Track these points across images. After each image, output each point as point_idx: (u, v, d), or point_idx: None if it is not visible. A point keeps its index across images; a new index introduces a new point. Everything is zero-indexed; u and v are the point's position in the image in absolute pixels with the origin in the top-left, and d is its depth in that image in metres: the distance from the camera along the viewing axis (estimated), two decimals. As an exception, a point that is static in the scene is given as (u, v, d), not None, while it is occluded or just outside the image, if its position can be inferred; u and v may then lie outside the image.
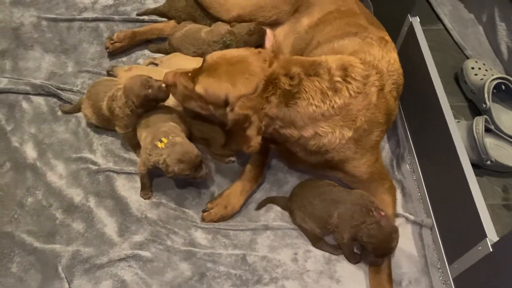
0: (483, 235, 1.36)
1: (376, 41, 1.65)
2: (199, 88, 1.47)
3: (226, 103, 1.43)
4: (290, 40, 1.95)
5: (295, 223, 1.66)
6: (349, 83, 1.46)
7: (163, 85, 1.61)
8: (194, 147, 1.57)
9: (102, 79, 1.89)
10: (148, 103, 1.65)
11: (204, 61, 1.51)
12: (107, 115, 1.74)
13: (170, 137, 1.57)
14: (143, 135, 1.66)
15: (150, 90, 1.61)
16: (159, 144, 1.56)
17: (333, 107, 1.43)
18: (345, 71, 1.46)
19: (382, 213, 1.51)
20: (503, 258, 1.29)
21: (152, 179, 1.73)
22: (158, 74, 1.84)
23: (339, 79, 1.44)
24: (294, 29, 1.94)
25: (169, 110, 1.73)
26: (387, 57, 1.61)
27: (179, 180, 1.73)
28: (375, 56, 1.57)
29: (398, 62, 1.65)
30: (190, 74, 1.52)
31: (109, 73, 2.01)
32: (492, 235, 1.35)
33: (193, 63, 1.92)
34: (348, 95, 1.45)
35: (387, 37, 1.72)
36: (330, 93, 1.43)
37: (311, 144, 1.48)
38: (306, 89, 1.41)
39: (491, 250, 1.33)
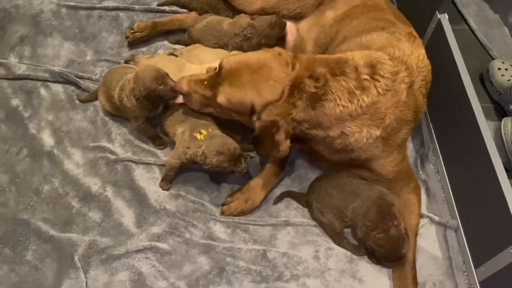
0: (516, 238, 1.32)
1: (404, 36, 1.61)
2: (221, 99, 1.43)
3: (252, 111, 1.41)
4: (313, 34, 1.91)
5: (313, 217, 1.62)
6: (377, 80, 1.42)
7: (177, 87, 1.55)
8: (233, 141, 1.54)
9: (118, 66, 1.86)
10: (154, 98, 1.60)
11: (220, 67, 1.46)
12: (117, 104, 1.71)
13: (210, 129, 1.55)
14: (179, 130, 1.62)
15: (161, 87, 1.56)
16: (198, 136, 1.53)
17: (361, 106, 1.40)
18: (373, 68, 1.43)
19: (396, 222, 1.48)
20: (537, 262, 1.26)
21: (178, 174, 1.69)
22: (178, 63, 1.83)
23: (366, 77, 1.41)
24: (318, 22, 1.90)
25: None
26: (416, 53, 1.57)
27: (214, 173, 1.69)
28: (404, 51, 1.54)
29: (426, 58, 1.61)
30: (206, 82, 1.48)
31: (128, 63, 1.97)
32: (525, 238, 1.31)
33: (214, 54, 1.90)
34: (376, 93, 1.41)
35: (415, 33, 1.68)
36: (357, 92, 1.40)
37: (337, 143, 1.45)
38: (333, 90, 1.38)
39: (524, 253, 1.29)
